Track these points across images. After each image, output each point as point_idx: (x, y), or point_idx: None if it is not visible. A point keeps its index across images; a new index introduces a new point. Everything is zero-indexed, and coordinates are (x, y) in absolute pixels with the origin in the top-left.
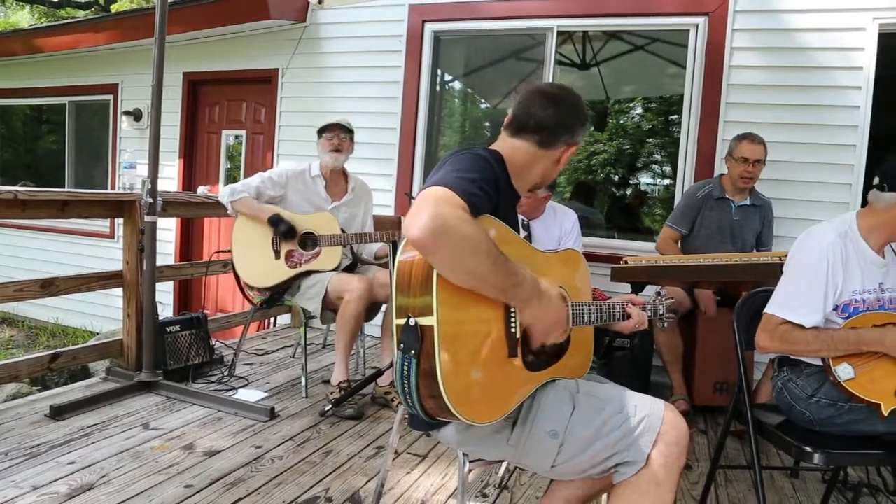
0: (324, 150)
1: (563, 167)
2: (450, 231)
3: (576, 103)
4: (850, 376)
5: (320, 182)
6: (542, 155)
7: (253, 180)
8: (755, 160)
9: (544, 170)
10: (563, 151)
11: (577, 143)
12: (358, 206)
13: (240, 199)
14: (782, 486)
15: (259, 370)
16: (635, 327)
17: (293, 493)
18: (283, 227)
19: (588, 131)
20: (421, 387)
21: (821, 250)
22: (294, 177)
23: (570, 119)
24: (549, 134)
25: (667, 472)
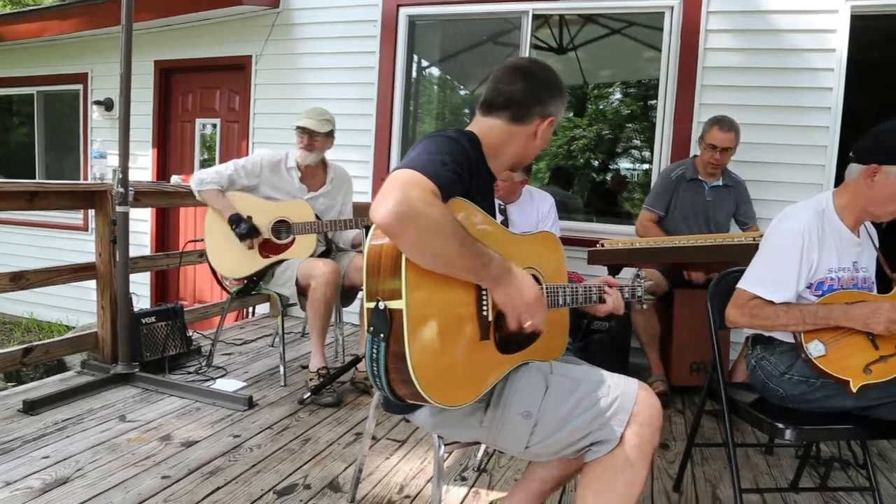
0: (298, 146)
1: (543, 144)
2: (416, 214)
3: (546, 76)
4: (822, 353)
5: (296, 173)
6: (515, 131)
7: (226, 168)
8: (723, 148)
9: (521, 147)
10: (537, 125)
11: (552, 116)
12: (336, 197)
13: (207, 189)
14: (757, 463)
15: (237, 360)
16: (612, 310)
17: (272, 480)
18: (243, 228)
19: (565, 104)
20: (391, 370)
21: (797, 229)
22: (269, 167)
23: (541, 91)
24: (519, 108)
25: (640, 451)
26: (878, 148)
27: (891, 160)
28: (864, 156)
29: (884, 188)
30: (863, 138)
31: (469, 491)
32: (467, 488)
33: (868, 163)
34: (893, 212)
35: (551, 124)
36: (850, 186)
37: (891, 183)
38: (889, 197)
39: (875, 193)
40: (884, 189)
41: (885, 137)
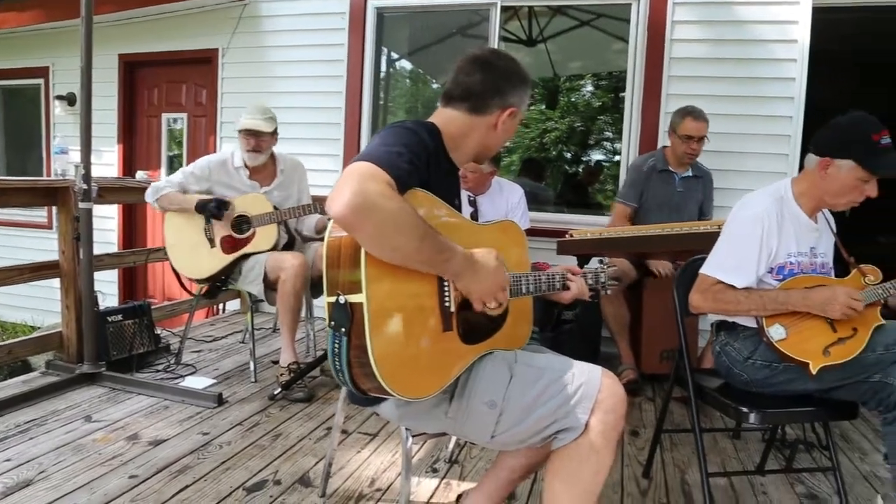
0: (241, 147)
1: (506, 135)
2: (373, 207)
3: (506, 66)
4: (782, 336)
5: (244, 172)
6: (475, 122)
7: (175, 177)
8: (699, 137)
9: (482, 138)
10: (497, 116)
11: (512, 107)
12: (290, 187)
13: (163, 195)
14: (725, 448)
15: (207, 357)
16: (577, 296)
17: (241, 477)
18: (213, 205)
19: (529, 94)
20: (353, 365)
21: (757, 215)
22: (216, 168)
23: (500, 82)
24: (478, 99)
25: (605, 439)
26: (832, 141)
27: (843, 154)
28: (820, 148)
29: (836, 180)
30: (821, 129)
31: (440, 482)
32: (438, 479)
33: (823, 155)
34: (847, 202)
35: (512, 115)
36: (807, 175)
37: (843, 176)
38: (841, 189)
39: (828, 185)
40: (836, 181)
41: (840, 132)
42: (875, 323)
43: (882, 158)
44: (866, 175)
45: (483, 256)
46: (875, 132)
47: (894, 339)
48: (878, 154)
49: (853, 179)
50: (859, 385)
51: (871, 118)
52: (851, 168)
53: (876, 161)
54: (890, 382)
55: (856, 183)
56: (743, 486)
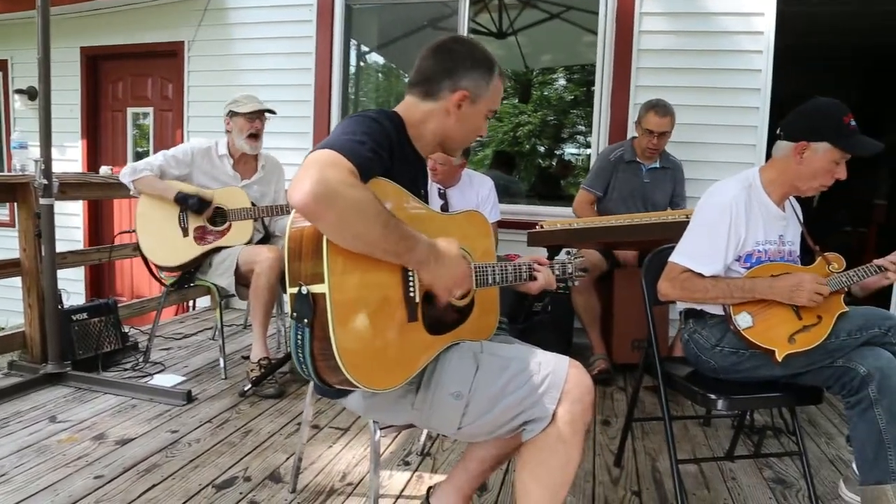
0: (240, 134)
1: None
2: (334, 195)
3: (462, 49)
4: (749, 324)
5: (227, 161)
6: (430, 108)
7: (155, 159)
8: (660, 133)
9: (439, 125)
10: (449, 100)
11: (463, 90)
12: (269, 185)
13: (141, 177)
14: (695, 435)
15: (177, 354)
16: (544, 287)
17: (211, 474)
18: (193, 201)
19: (488, 79)
20: (317, 357)
21: (725, 203)
22: (200, 154)
23: (449, 64)
24: (428, 83)
25: (573, 429)
26: (806, 126)
27: (819, 137)
28: (794, 133)
29: (811, 164)
30: (790, 116)
31: (412, 475)
32: (410, 472)
33: (798, 140)
34: (818, 186)
35: (465, 99)
36: (777, 163)
37: (818, 158)
38: (816, 172)
39: (804, 169)
40: (811, 165)
41: (812, 116)
42: (839, 310)
43: (854, 139)
44: (840, 156)
45: (446, 246)
46: (844, 115)
47: (857, 326)
48: (849, 135)
49: (828, 162)
50: (823, 370)
51: (838, 102)
52: (827, 150)
53: (848, 142)
54: (853, 367)
55: (829, 165)
56: (713, 473)
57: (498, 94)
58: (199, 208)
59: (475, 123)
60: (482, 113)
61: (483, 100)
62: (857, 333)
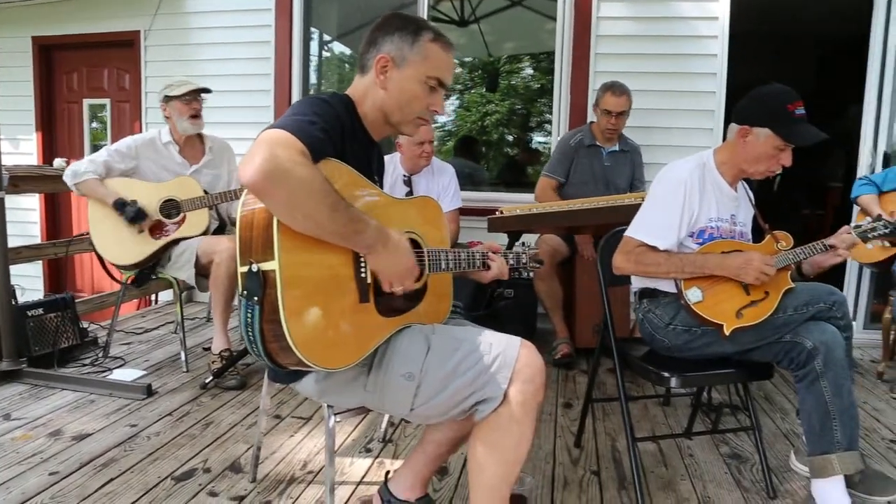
0: (181, 117)
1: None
2: (284, 173)
3: (387, 20)
4: (699, 299)
5: (173, 148)
6: (365, 83)
7: (99, 156)
8: (618, 113)
9: (374, 98)
10: (374, 69)
11: (382, 54)
12: (220, 167)
13: (83, 181)
14: (655, 415)
15: (137, 349)
16: (497, 276)
17: (169, 467)
18: (131, 212)
19: (412, 42)
20: (266, 335)
21: (680, 179)
22: (144, 146)
23: (374, 34)
24: (361, 58)
25: (525, 408)
26: (751, 111)
27: (760, 122)
28: (740, 117)
29: (754, 148)
30: (742, 100)
31: (374, 462)
32: (372, 459)
33: (742, 123)
34: (764, 171)
35: (388, 63)
36: (727, 145)
37: (760, 143)
38: (759, 156)
39: (747, 152)
40: (754, 149)
41: (758, 101)
42: (785, 286)
43: (795, 128)
44: (782, 143)
45: (396, 237)
46: (790, 102)
47: (803, 301)
48: (792, 123)
49: (770, 148)
50: (773, 346)
51: (787, 89)
52: (768, 136)
53: (789, 130)
54: (799, 342)
55: (772, 151)
56: (671, 450)
57: (437, 60)
58: (135, 217)
59: (408, 90)
60: (414, 78)
61: (411, 63)
62: (803, 309)
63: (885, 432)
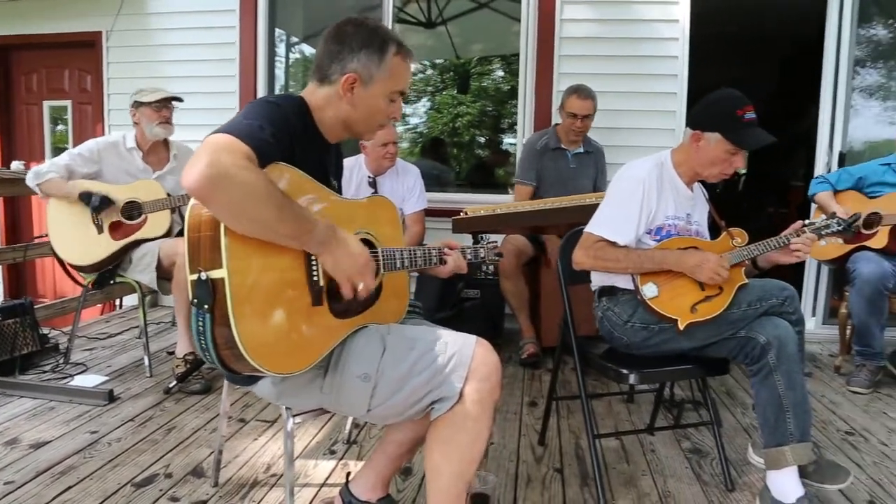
0: (150, 122)
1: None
2: (227, 178)
3: (347, 30)
4: (655, 294)
5: (137, 153)
6: (326, 94)
7: (61, 159)
8: (583, 116)
9: (337, 111)
10: (340, 85)
11: (351, 73)
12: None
13: (47, 181)
14: (619, 412)
15: (100, 354)
16: (454, 271)
17: (130, 473)
18: (96, 200)
19: (381, 60)
20: (219, 343)
21: (638, 177)
22: (107, 150)
23: (335, 47)
24: (320, 70)
25: (481, 407)
26: (702, 116)
27: (711, 128)
28: (692, 122)
29: (706, 152)
30: (696, 105)
31: (338, 463)
32: (336, 461)
33: (694, 128)
34: (718, 174)
35: (356, 82)
36: (683, 148)
37: (712, 148)
38: (711, 160)
39: (700, 156)
40: (706, 153)
41: (709, 108)
42: (739, 282)
43: (745, 132)
44: (732, 148)
45: (349, 236)
46: (739, 108)
47: (756, 297)
48: (741, 128)
49: (721, 152)
50: (728, 341)
51: (737, 94)
52: (719, 141)
53: (739, 135)
54: (753, 337)
55: (724, 155)
56: (633, 446)
57: (399, 74)
58: (100, 206)
59: (374, 106)
60: (381, 95)
61: (378, 81)
62: (757, 304)
63: (841, 424)
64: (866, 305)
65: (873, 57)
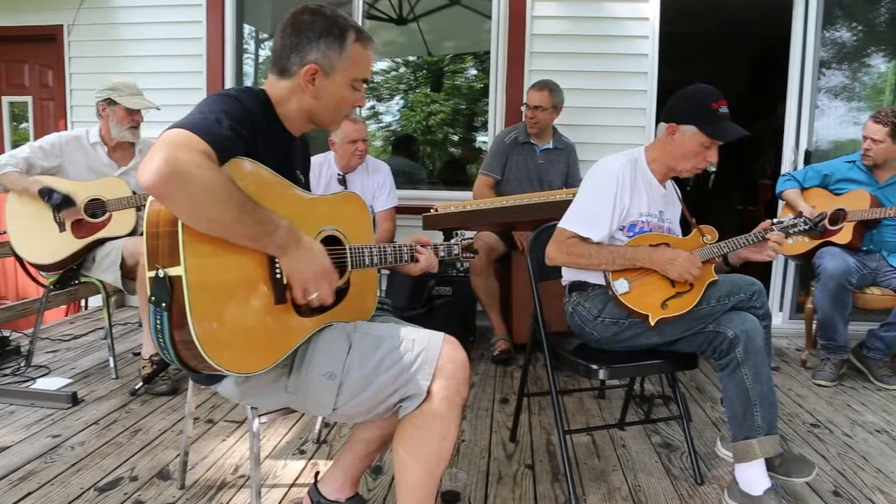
0: (120, 124)
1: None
2: (184, 177)
3: (304, 19)
4: (626, 290)
5: (101, 148)
6: (287, 86)
7: (21, 151)
8: (534, 106)
9: (300, 103)
10: (302, 77)
11: (312, 64)
12: None
13: (4, 174)
14: (590, 408)
15: (64, 356)
16: (426, 269)
17: (94, 477)
18: (57, 198)
19: (340, 48)
20: (176, 340)
21: (612, 172)
22: (69, 144)
23: (294, 38)
24: (277, 60)
25: (448, 404)
26: (677, 109)
27: (687, 120)
28: (667, 115)
29: (681, 145)
30: (670, 99)
31: (307, 463)
32: (305, 461)
33: (670, 121)
34: (692, 168)
35: (317, 73)
36: (658, 143)
37: (686, 141)
38: (686, 154)
39: (675, 150)
40: (681, 146)
41: (685, 101)
42: (709, 279)
43: (719, 125)
44: (707, 141)
45: (309, 240)
46: (714, 101)
47: (726, 293)
48: (716, 121)
49: (696, 145)
50: (697, 336)
51: (711, 89)
52: (694, 134)
53: (714, 127)
54: (721, 331)
55: (699, 148)
56: (604, 441)
57: (361, 61)
58: (61, 205)
59: (337, 96)
60: (343, 84)
61: (340, 70)
62: (725, 299)
63: (807, 417)
64: (830, 300)
65: (839, 59)
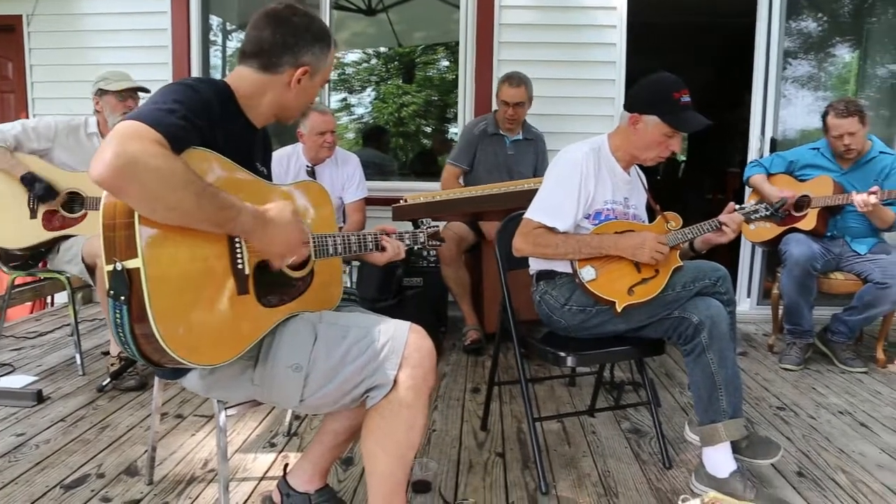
0: (114, 112)
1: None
2: (136, 167)
3: (301, 22)
4: (592, 277)
5: (97, 140)
6: (267, 81)
7: (11, 128)
8: (514, 103)
9: (277, 98)
10: (290, 76)
11: (305, 66)
12: None
13: None
14: (561, 395)
15: (29, 354)
16: (392, 258)
17: (59, 475)
18: (40, 189)
19: (328, 53)
20: (137, 334)
21: (576, 161)
22: (65, 132)
23: (291, 39)
24: (268, 57)
25: (415, 393)
26: (640, 99)
27: (649, 110)
28: (630, 105)
29: (644, 135)
30: (633, 88)
31: (278, 456)
32: (276, 454)
33: (632, 111)
34: (654, 157)
35: (307, 74)
36: (620, 131)
37: (649, 131)
38: (649, 143)
39: (638, 140)
40: (644, 136)
41: (647, 90)
42: (675, 265)
43: (682, 115)
44: (669, 130)
45: (277, 212)
46: (676, 91)
47: (691, 279)
48: (678, 111)
49: (658, 134)
50: (663, 322)
51: (674, 78)
52: (656, 124)
53: (676, 117)
54: (687, 317)
55: (661, 138)
56: (574, 428)
57: (331, 64)
58: (44, 196)
59: (312, 94)
60: (319, 84)
61: (321, 73)
62: (691, 285)
63: (773, 400)
64: (796, 286)
65: (804, 49)
